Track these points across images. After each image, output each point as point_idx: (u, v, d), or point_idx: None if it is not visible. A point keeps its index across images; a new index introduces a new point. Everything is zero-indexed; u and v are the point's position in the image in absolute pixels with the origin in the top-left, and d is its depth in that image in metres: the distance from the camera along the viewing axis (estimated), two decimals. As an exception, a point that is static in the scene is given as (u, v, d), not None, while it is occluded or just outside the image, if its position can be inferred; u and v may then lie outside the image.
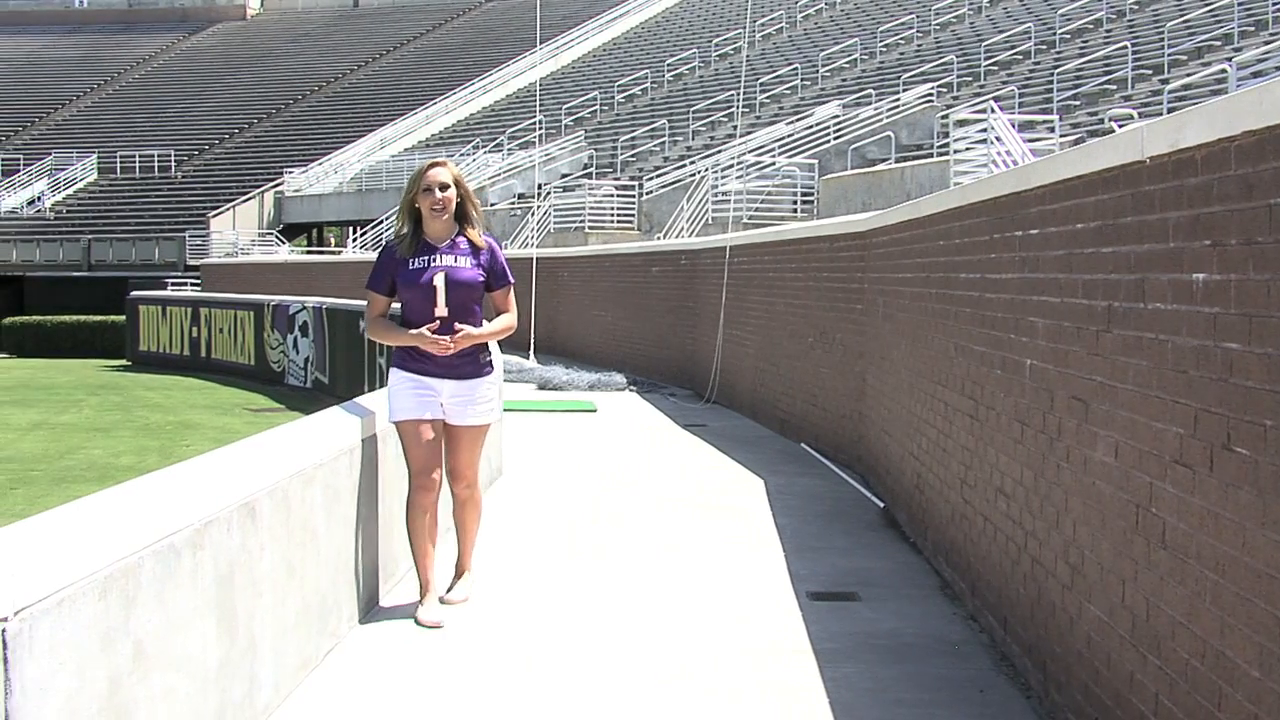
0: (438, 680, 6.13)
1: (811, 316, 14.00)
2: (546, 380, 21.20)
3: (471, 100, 66.26)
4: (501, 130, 56.08)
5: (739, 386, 17.56)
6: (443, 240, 7.10)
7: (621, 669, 6.35)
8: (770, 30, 60.06)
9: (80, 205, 65.25)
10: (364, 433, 6.94)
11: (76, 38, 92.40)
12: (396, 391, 7.13)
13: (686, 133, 47.61)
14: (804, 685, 6.08)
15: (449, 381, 7.10)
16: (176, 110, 76.00)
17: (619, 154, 47.80)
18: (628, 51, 68.09)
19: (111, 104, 79.38)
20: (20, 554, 3.49)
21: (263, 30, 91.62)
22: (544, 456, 13.63)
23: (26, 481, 15.73)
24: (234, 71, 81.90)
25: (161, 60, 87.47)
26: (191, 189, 64.46)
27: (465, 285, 7.04)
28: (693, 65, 58.83)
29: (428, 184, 7.04)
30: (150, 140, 70.63)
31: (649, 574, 8.37)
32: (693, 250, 20.87)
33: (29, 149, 71.42)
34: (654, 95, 56.86)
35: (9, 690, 3.31)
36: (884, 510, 10.42)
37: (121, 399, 26.89)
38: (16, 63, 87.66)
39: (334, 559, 6.43)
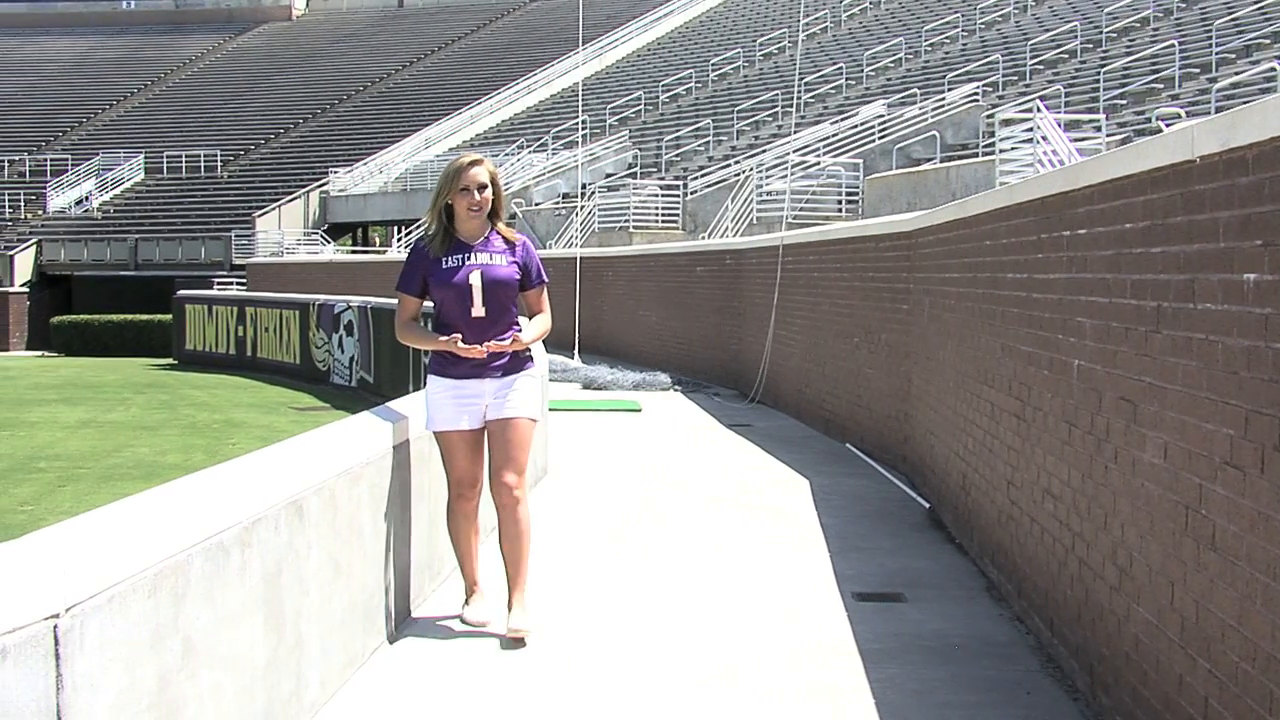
0: (482, 677, 6.14)
1: (857, 316, 13.96)
2: (591, 380, 21.21)
3: (516, 100, 66.36)
4: (546, 130, 56.16)
5: (784, 386, 17.53)
6: (476, 238, 6.84)
7: (667, 668, 6.34)
8: (815, 29, 59.93)
9: (127, 205, 65.63)
10: (410, 432, 6.95)
11: (124, 39, 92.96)
12: (435, 400, 6.85)
13: (731, 132, 47.56)
14: (849, 686, 6.07)
15: (489, 381, 6.81)
16: (222, 110, 76.36)
17: (663, 154, 47.79)
18: (672, 51, 68.05)
19: (158, 104, 79.81)
20: (72, 551, 3.51)
21: (308, 30, 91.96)
22: (589, 455, 13.64)
23: (74, 479, 15.83)
24: (280, 72, 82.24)
25: (208, 61, 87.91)
26: (237, 189, 64.75)
27: (502, 284, 6.78)
28: (737, 65, 58.76)
29: (466, 184, 6.74)
30: (197, 140, 70.98)
31: (695, 573, 8.37)
32: (737, 250, 20.85)
33: (77, 149, 71.89)
34: (698, 95, 56.82)
35: (60, 685, 3.34)
36: (930, 511, 10.39)
37: (168, 398, 27.02)
38: (65, 64, 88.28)
39: (380, 557, 6.44)
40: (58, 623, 3.33)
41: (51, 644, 3.30)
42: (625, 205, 38.25)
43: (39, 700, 3.24)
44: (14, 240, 61.79)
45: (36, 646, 3.23)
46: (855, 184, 31.62)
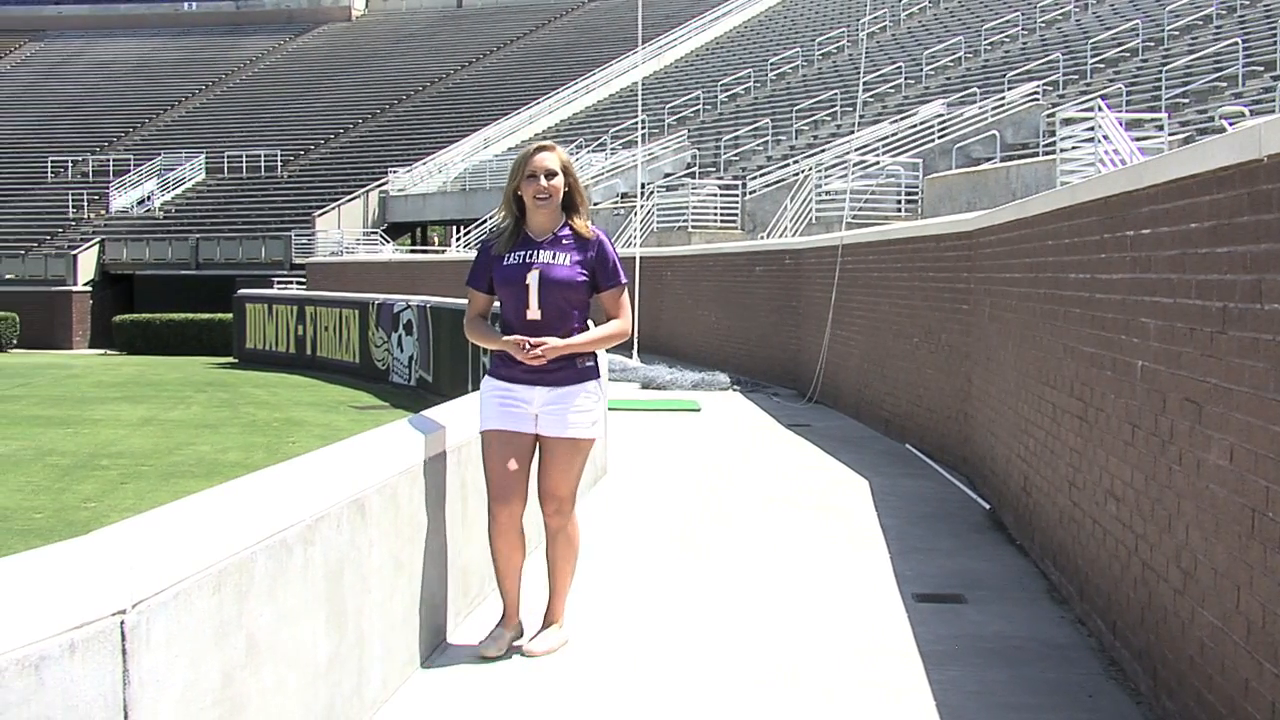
0: (544, 674, 6.15)
1: (917, 316, 13.91)
2: (650, 379, 21.23)
3: (574, 100, 66.43)
4: (604, 130, 56.22)
5: (843, 386, 17.49)
6: (545, 233, 6.40)
7: (729, 667, 6.34)
8: (874, 29, 59.75)
9: (189, 205, 66.10)
10: (471, 431, 6.95)
11: (185, 40, 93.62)
12: (485, 400, 6.51)
13: (790, 132, 47.48)
14: (910, 687, 6.05)
15: (541, 389, 6.36)
16: (283, 111, 76.78)
17: (722, 153, 47.75)
18: (730, 50, 67.98)
19: (219, 105, 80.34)
20: (138, 548, 3.54)
21: (367, 31, 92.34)
22: (648, 455, 13.64)
23: (136, 476, 15.95)
24: (339, 72, 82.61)
25: (268, 61, 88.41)
26: (297, 188, 65.10)
27: (562, 285, 6.32)
28: (796, 64, 58.66)
29: (533, 170, 6.33)
30: (257, 140, 71.39)
31: (754, 573, 8.36)
32: (796, 250, 20.82)
33: (139, 149, 72.45)
34: (757, 94, 56.76)
35: (127, 680, 3.37)
36: (990, 512, 10.34)
37: (229, 396, 27.20)
38: (128, 65, 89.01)
39: (441, 556, 6.46)
40: (124, 619, 3.36)
41: (118, 640, 3.33)
42: (684, 205, 38.22)
43: (106, 695, 3.27)
44: (77, 240, 62.34)
45: (104, 642, 3.26)
46: (914, 184, 31.50)
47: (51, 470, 16.44)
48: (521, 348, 6.26)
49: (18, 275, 59.71)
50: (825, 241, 18.88)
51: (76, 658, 3.14)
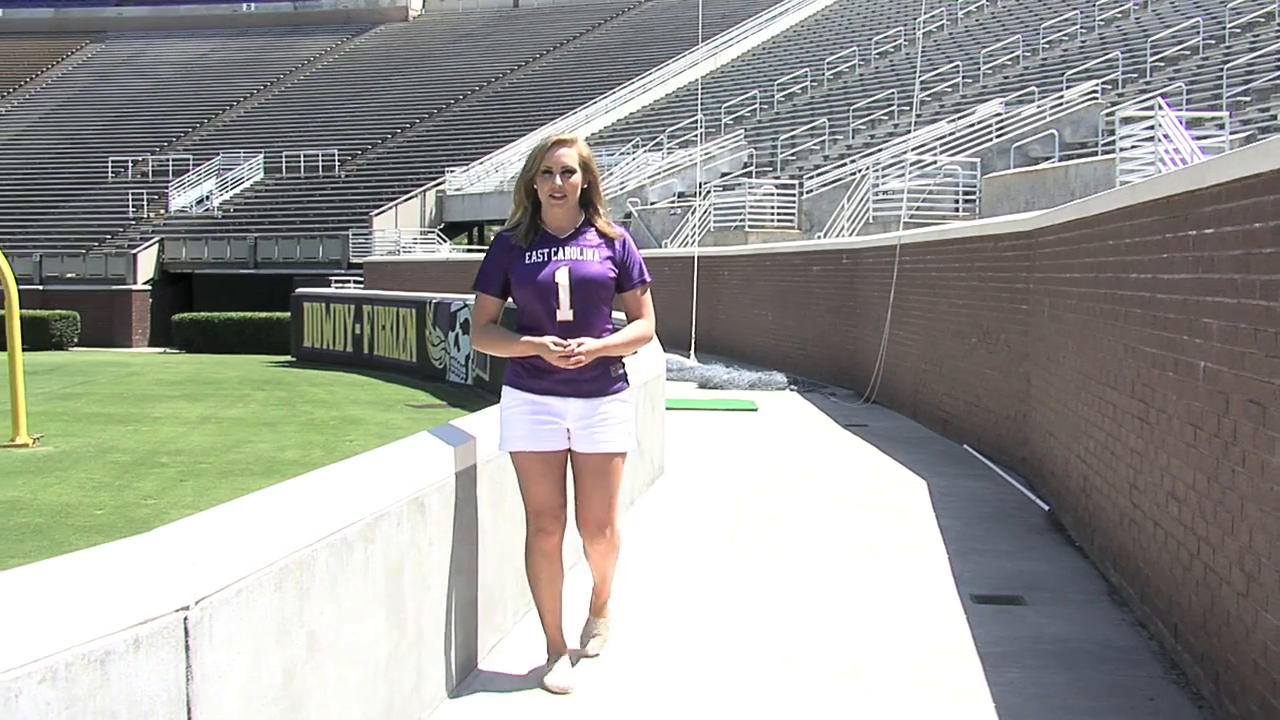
0: (604, 670, 6.16)
1: (975, 316, 13.86)
2: (707, 379, 21.22)
3: (631, 99, 66.43)
4: (661, 129, 56.18)
5: (900, 386, 17.43)
6: (565, 230, 5.93)
7: (788, 666, 6.34)
8: (932, 27, 59.53)
9: (247, 204, 66.49)
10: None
11: (244, 40, 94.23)
12: (509, 416, 5.95)
13: (846, 131, 47.35)
14: (970, 689, 6.03)
15: (574, 401, 5.89)
16: (340, 110, 77.12)
17: (779, 153, 47.67)
18: (787, 50, 67.85)
19: (277, 105, 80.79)
20: (200, 545, 3.57)
21: (424, 31, 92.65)
22: (706, 455, 13.64)
23: (195, 474, 16.03)
24: (396, 72, 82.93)
25: (326, 62, 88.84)
26: (355, 188, 65.37)
27: (593, 282, 5.85)
28: (853, 63, 58.50)
29: (548, 166, 5.82)
30: (315, 140, 71.75)
31: (813, 572, 8.35)
32: (854, 249, 20.77)
33: (198, 149, 72.93)
34: (814, 94, 56.63)
35: (190, 676, 3.39)
36: (1049, 513, 10.28)
37: (286, 394, 27.31)
38: (186, 66, 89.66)
39: (499, 555, 6.48)
40: (188, 615, 3.39)
41: (182, 636, 3.36)
42: (741, 204, 38.18)
43: (169, 690, 3.29)
44: (137, 239, 62.81)
45: (167, 638, 3.29)
46: (972, 183, 31.36)
47: (112, 467, 16.55)
48: (557, 349, 5.72)
49: (79, 274, 60.20)
50: (883, 241, 18.82)
51: (141, 653, 3.16)
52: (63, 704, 2.87)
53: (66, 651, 2.89)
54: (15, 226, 64.69)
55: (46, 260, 60.88)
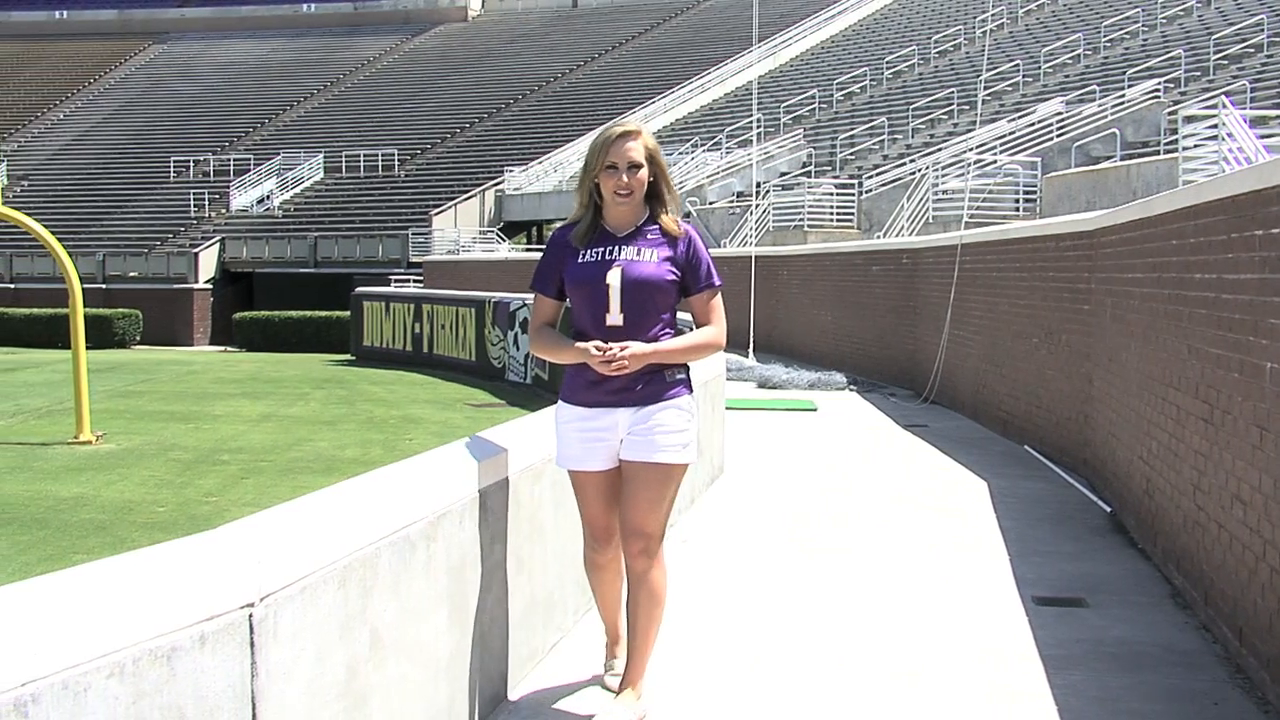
0: (661, 666, 6.15)
1: (1036, 317, 13.78)
2: (766, 379, 21.21)
3: (689, 99, 66.39)
4: (720, 129, 56.13)
5: (960, 387, 17.36)
6: (626, 228, 5.44)
7: (849, 666, 6.32)
8: (991, 26, 59.27)
9: (307, 204, 66.84)
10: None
11: (304, 41, 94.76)
12: (562, 433, 5.54)
13: (906, 130, 47.21)
14: (1031, 691, 5.99)
15: (625, 411, 5.38)
16: (400, 110, 77.43)
17: (838, 152, 47.57)
18: (846, 49, 67.68)
19: (337, 105, 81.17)
20: (265, 542, 3.59)
21: (483, 31, 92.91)
22: (765, 455, 13.63)
23: (256, 471, 16.13)
24: (455, 72, 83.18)
25: (385, 62, 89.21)
26: (414, 187, 65.61)
27: (648, 285, 5.33)
28: (912, 62, 58.29)
29: (614, 160, 5.34)
30: (374, 140, 72.05)
31: (872, 573, 8.33)
32: (914, 249, 20.69)
33: (259, 149, 73.38)
34: (873, 93, 56.48)
35: (255, 672, 3.41)
36: (1111, 515, 10.21)
37: (346, 393, 27.43)
38: (248, 66, 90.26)
39: (560, 554, 6.49)
40: (253, 612, 3.41)
41: (247, 632, 3.38)
42: (800, 204, 38.12)
43: (235, 686, 3.31)
44: (198, 238, 63.27)
45: (233, 634, 3.30)
46: (1033, 183, 31.19)
47: (173, 465, 16.68)
48: (599, 354, 5.24)
49: (141, 273, 60.71)
50: (943, 241, 18.75)
51: (206, 649, 3.18)
52: (130, 699, 2.89)
53: (134, 647, 2.91)
54: (79, 226, 65.26)
55: (109, 259, 61.43)
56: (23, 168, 75.03)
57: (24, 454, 17.84)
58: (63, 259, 21.16)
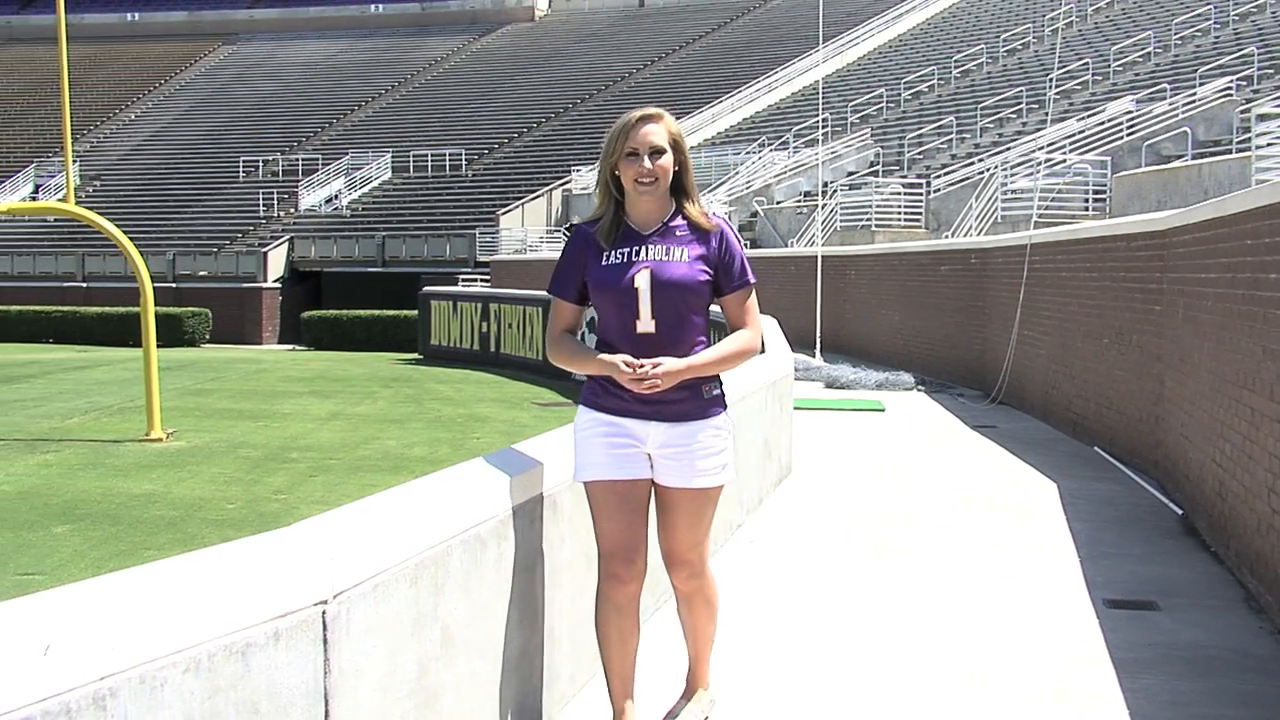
0: (726, 664, 6.15)
1: (1107, 317, 13.68)
2: (834, 379, 21.16)
3: (757, 98, 66.28)
4: (787, 128, 56.02)
5: (1029, 388, 17.26)
6: (652, 224, 4.96)
7: (917, 665, 6.31)
8: (1061, 24, 58.86)
9: (375, 203, 67.14)
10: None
11: (372, 41, 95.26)
12: (584, 440, 5.04)
13: (974, 129, 46.96)
14: (1103, 695, 5.95)
15: (657, 425, 4.93)
16: (467, 110, 77.68)
17: (905, 151, 47.38)
18: (914, 48, 67.39)
19: (405, 105, 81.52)
20: (338, 540, 3.61)
21: (550, 31, 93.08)
22: (833, 455, 13.60)
23: (324, 469, 16.22)
24: (522, 72, 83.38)
25: (453, 62, 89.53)
26: (481, 187, 65.80)
27: (680, 287, 4.87)
28: (980, 61, 57.97)
29: (633, 147, 4.85)
30: (442, 139, 72.30)
31: (941, 574, 8.29)
32: (983, 249, 20.59)
33: (327, 149, 73.79)
34: (940, 92, 56.22)
35: (328, 669, 3.43)
36: (1182, 517, 10.12)
37: (414, 392, 27.53)
38: (316, 66, 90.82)
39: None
40: (326, 609, 3.43)
41: (320, 629, 3.40)
42: (867, 203, 38.01)
43: (308, 682, 3.33)
44: (268, 237, 63.69)
45: (306, 631, 3.32)
46: (1102, 182, 30.96)
47: (243, 462, 16.80)
48: (629, 370, 4.81)
49: (210, 272, 61.19)
50: (1012, 241, 18.65)
51: (280, 645, 3.20)
52: (205, 694, 2.91)
53: (209, 643, 2.94)
54: (150, 225, 65.83)
55: (179, 258, 61.96)
56: (95, 168, 75.83)
57: (96, 451, 18.03)
58: (134, 258, 21.36)
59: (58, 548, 11.72)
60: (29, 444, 18.63)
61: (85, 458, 17.37)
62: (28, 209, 26.33)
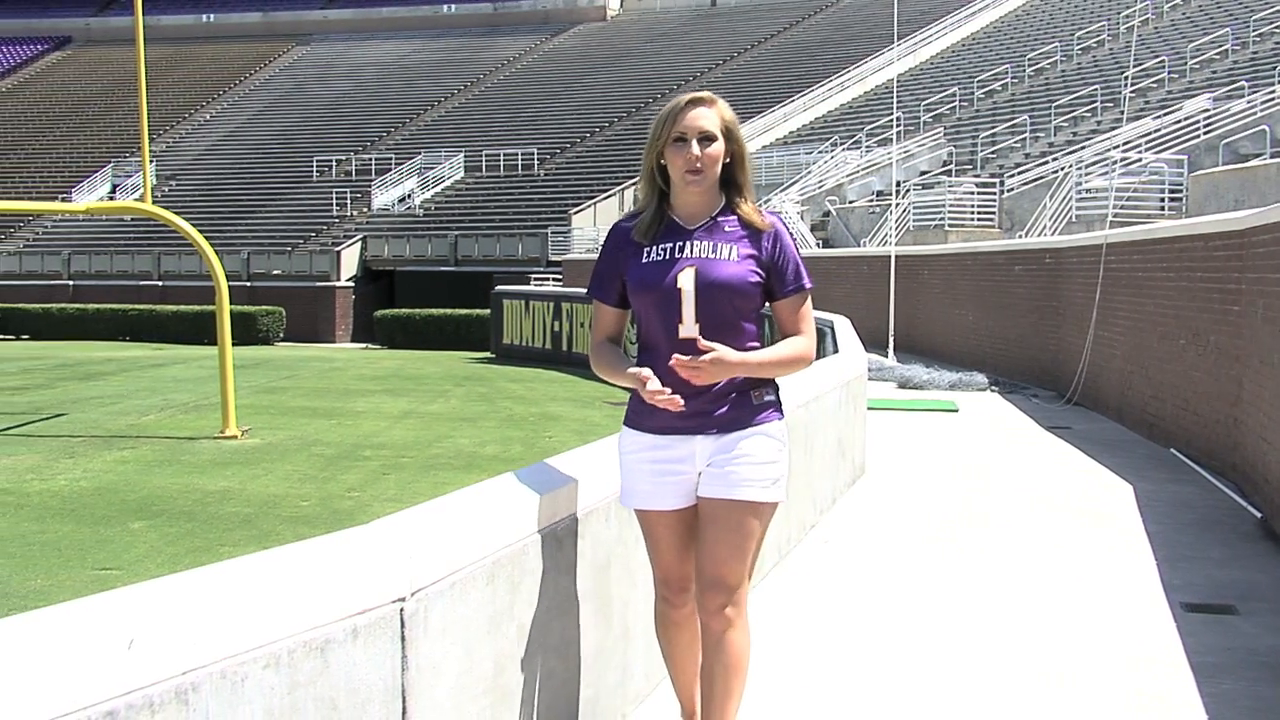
0: (796, 660, 6.13)
1: (1183, 317, 13.55)
2: (907, 379, 21.08)
3: (829, 97, 66.06)
4: (859, 127, 55.81)
5: (1104, 389, 17.12)
6: (699, 219, 4.50)
7: (994, 667, 6.27)
8: (1135, 22, 58.35)
9: (447, 202, 67.37)
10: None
11: (444, 41, 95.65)
12: (628, 464, 4.59)
13: (1048, 128, 46.62)
14: (1181, 699, 5.88)
15: (703, 439, 4.44)
16: (539, 109, 77.84)
17: (978, 150, 47.11)
18: (987, 46, 66.99)
19: (477, 105, 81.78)
20: (416, 538, 3.62)
21: (622, 30, 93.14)
22: (906, 455, 13.54)
23: (398, 467, 16.29)
24: (594, 71, 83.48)
25: (525, 61, 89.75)
26: (554, 186, 65.89)
27: (727, 289, 4.38)
28: (1054, 59, 57.54)
29: (681, 132, 4.41)
30: (514, 139, 72.48)
31: (1015, 575, 8.24)
32: (1057, 249, 20.44)
33: (400, 149, 74.13)
34: (1014, 90, 55.83)
35: (405, 666, 3.45)
36: (1262, 521, 10.01)
37: (486, 390, 27.63)
38: (389, 67, 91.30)
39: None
40: (404, 606, 3.44)
41: (398, 626, 3.42)
42: (940, 203, 37.83)
43: (386, 679, 3.35)
44: (341, 236, 64.03)
45: (384, 628, 3.34)
46: (1179, 181, 30.68)
47: (316, 460, 16.91)
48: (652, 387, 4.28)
49: (284, 271, 61.59)
50: (1087, 240, 18.50)
51: (359, 642, 3.22)
52: (285, 689, 2.93)
53: (289, 639, 2.95)
54: (224, 224, 66.37)
55: (254, 257, 62.40)
56: (171, 168, 76.52)
57: (172, 448, 18.20)
58: (210, 257, 21.53)
59: (134, 543, 11.84)
60: (106, 440, 18.84)
61: (161, 454, 17.54)
62: (107, 208, 26.52)
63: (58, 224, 71.85)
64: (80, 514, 13.30)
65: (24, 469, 16.23)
